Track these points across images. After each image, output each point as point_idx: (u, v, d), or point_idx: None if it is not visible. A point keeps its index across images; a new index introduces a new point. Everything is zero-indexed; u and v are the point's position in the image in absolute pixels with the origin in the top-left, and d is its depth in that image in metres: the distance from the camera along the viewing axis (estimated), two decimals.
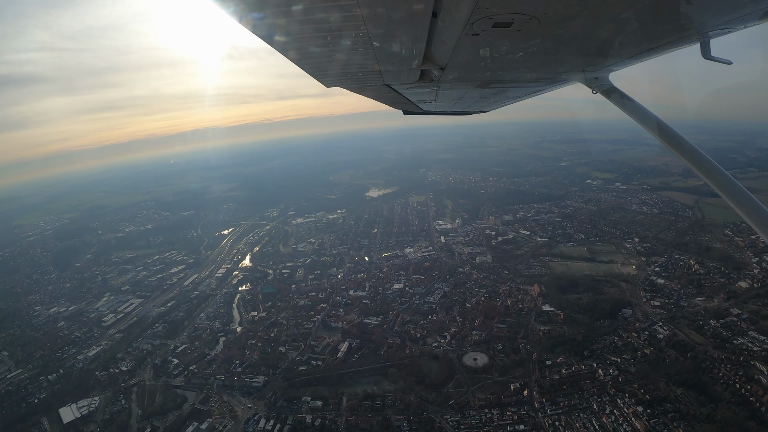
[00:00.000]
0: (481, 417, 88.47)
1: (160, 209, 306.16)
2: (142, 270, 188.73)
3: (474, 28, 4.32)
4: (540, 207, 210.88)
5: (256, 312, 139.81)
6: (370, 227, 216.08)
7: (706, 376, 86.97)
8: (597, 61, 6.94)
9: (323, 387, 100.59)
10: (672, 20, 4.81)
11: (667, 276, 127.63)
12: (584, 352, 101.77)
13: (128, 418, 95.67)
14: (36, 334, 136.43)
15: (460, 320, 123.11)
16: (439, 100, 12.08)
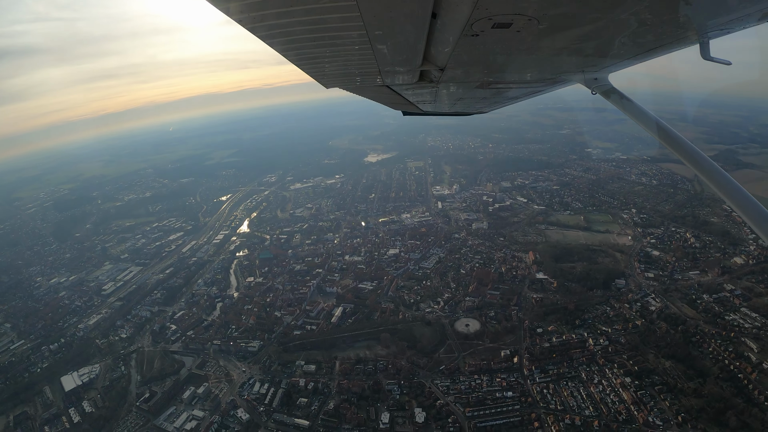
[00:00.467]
0: (471, 383, 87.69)
1: (159, 177, 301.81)
2: (141, 238, 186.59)
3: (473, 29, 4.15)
4: (538, 174, 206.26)
5: (252, 277, 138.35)
6: (367, 192, 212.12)
7: (696, 350, 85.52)
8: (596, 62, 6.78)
9: (317, 351, 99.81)
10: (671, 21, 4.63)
11: (663, 248, 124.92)
12: (575, 321, 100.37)
13: (128, 384, 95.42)
14: (37, 305, 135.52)
15: (454, 286, 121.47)
16: (439, 101, 11.88)
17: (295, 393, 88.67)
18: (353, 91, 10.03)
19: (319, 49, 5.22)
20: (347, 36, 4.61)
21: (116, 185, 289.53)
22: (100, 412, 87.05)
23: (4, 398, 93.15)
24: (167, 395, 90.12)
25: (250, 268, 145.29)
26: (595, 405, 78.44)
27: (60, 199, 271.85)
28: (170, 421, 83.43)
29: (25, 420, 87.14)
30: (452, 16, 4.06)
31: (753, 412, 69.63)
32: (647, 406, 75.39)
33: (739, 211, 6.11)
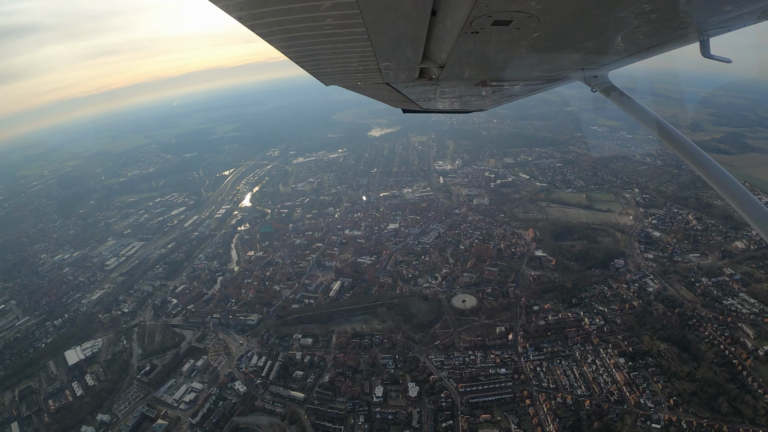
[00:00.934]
0: (465, 358, 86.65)
1: (162, 152, 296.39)
2: (143, 213, 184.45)
3: (473, 26, 4.09)
4: (542, 151, 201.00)
5: (253, 251, 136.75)
6: (370, 167, 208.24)
7: (692, 333, 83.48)
8: (596, 59, 6.60)
9: (314, 325, 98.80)
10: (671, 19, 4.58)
11: (664, 229, 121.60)
12: (572, 300, 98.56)
13: (129, 357, 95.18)
14: (42, 281, 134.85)
15: (452, 262, 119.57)
16: (438, 98, 11.62)
17: (292, 366, 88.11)
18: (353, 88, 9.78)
19: (319, 46, 5.09)
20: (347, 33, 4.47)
21: (120, 161, 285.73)
22: (102, 385, 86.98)
23: (10, 373, 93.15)
24: (167, 368, 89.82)
25: (251, 242, 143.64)
26: (587, 384, 77.22)
27: (64, 176, 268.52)
28: (170, 393, 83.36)
29: (29, 394, 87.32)
30: (452, 14, 3.94)
31: (746, 398, 68.04)
32: (640, 388, 74.05)
33: (740, 210, 5.85)
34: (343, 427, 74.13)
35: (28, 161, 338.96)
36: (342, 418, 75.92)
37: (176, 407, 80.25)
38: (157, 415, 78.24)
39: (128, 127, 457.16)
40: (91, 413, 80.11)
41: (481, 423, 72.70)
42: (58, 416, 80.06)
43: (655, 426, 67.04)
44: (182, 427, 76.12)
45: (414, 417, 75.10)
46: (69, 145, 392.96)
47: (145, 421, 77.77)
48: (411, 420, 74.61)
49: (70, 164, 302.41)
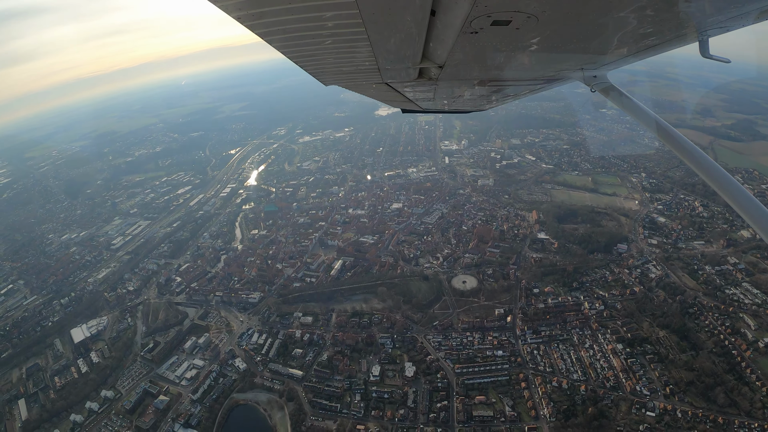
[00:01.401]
0: (463, 339, 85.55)
1: (169, 131, 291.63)
2: (150, 192, 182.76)
3: (472, 26, 4.02)
4: (549, 133, 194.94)
5: (257, 230, 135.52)
6: (376, 146, 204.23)
7: (692, 322, 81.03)
8: (595, 59, 6.50)
9: (315, 303, 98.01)
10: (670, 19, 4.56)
11: (670, 215, 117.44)
12: (573, 284, 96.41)
13: (133, 335, 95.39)
14: (49, 261, 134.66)
15: (454, 242, 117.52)
16: (438, 98, 11.38)
17: (291, 344, 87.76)
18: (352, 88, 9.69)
19: (318, 46, 5.01)
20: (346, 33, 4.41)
21: (127, 141, 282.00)
22: (107, 362, 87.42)
23: (18, 352, 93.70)
24: (170, 345, 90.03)
25: (255, 220, 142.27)
26: (584, 369, 75.85)
27: (72, 156, 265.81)
28: (172, 370, 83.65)
29: (36, 372, 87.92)
30: (451, 14, 3.89)
31: (743, 390, 66.06)
32: (636, 375, 72.48)
33: (739, 210, 5.74)
34: (339, 405, 73.99)
35: (35, 142, 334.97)
36: (339, 396, 75.71)
37: (178, 383, 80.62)
38: (159, 392, 78.79)
39: (136, 106, 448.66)
40: (95, 389, 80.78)
41: (475, 404, 72.05)
42: (64, 392, 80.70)
43: (649, 414, 65.65)
44: (183, 403, 76.45)
45: (409, 396, 74.68)
46: (77, 125, 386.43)
47: (147, 397, 78.30)
48: (406, 399, 74.22)
49: (78, 144, 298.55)
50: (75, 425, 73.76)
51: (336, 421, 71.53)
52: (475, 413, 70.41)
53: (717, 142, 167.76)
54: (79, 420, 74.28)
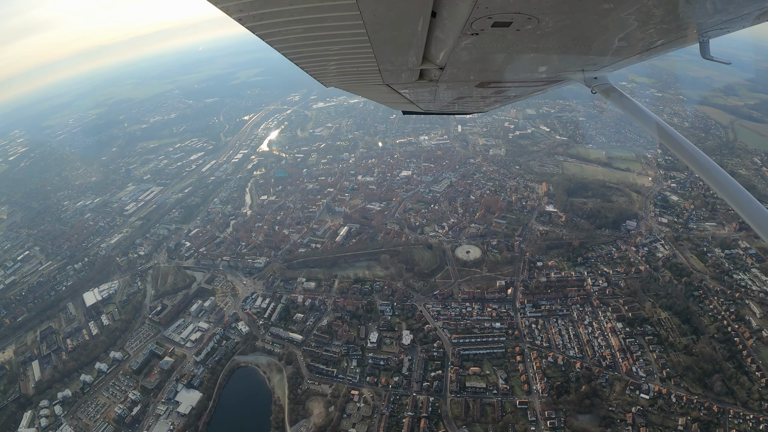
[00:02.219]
0: (462, 310, 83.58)
1: (184, 98, 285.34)
2: (163, 159, 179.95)
3: (473, 28, 3.95)
4: (565, 104, 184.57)
5: (266, 196, 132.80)
6: (389, 113, 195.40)
7: (696, 305, 76.96)
8: (596, 60, 6.35)
9: (319, 269, 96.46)
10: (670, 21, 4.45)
11: (683, 194, 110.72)
12: (577, 259, 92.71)
13: (143, 298, 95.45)
14: (64, 227, 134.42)
15: (461, 212, 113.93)
16: (438, 100, 11.02)
17: (293, 308, 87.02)
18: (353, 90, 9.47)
19: (319, 48, 4.91)
20: (347, 35, 4.29)
21: (143, 108, 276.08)
22: (116, 324, 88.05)
23: (33, 316, 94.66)
24: (177, 308, 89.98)
25: (265, 186, 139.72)
26: (581, 346, 73.48)
27: (88, 124, 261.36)
28: (178, 332, 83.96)
29: (50, 334, 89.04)
30: (452, 15, 3.81)
31: (741, 380, 62.84)
32: (633, 356, 69.81)
33: (739, 210, 5.56)
34: (335, 370, 73.55)
35: (53, 111, 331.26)
36: (336, 362, 75.28)
37: (183, 345, 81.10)
38: (164, 353, 79.54)
39: (152, 73, 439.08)
40: (105, 351, 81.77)
41: (469, 375, 70.79)
42: (75, 354, 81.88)
43: (643, 396, 63.33)
44: (187, 364, 76.99)
45: (405, 364, 73.75)
46: (95, 93, 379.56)
47: (153, 358, 79.09)
48: (401, 367, 73.36)
49: (95, 112, 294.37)
50: (85, 385, 75.18)
51: (332, 385, 71.28)
52: (468, 384, 69.23)
53: (738, 122, 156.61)
54: (88, 380, 75.67)
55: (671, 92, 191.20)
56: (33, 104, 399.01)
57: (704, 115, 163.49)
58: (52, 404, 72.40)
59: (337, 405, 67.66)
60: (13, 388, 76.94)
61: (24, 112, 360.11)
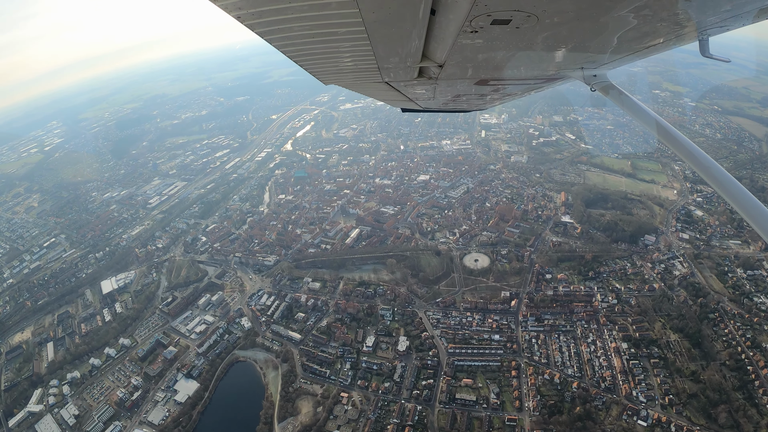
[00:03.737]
0: (462, 319, 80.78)
1: (217, 95, 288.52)
2: (190, 155, 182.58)
3: (472, 25, 3.90)
4: (594, 112, 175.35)
5: (284, 195, 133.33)
6: (415, 116, 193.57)
7: (709, 328, 70.60)
8: (595, 58, 6.26)
9: (326, 270, 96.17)
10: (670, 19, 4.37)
11: (708, 209, 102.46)
12: (589, 273, 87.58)
13: (156, 289, 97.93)
14: (90, 217, 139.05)
15: (474, 218, 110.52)
16: (438, 97, 10.83)
17: (296, 307, 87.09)
18: (352, 87, 9.16)
19: (318, 46, 4.82)
20: (346, 33, 4.24)
21: (176, 104, 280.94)
22: (129, 312, 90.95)
23: (52, 300, 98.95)
24: (186, 300, 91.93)
25: (284, 185, 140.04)
26: (580, 365, 69.26)
27: (123, 118, 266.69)
28: (184, 324, 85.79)
29: (66, 318, 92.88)
30: (451, 13, 3.76)
31: (749, 412, 56.82)
32: (635, 379, 64.99)
33: (739, 209, 5.50)
34: (329, 371, 72.86)
35: (91, 104, 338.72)
36: (330, 363, 74.55)
37: (188, 336, 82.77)
38: (170, 343, 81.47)
39: (189, 70, 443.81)
40: (115, 337, 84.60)
41: (461, 386, 68.17)
42: (87, 338, 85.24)
43: (641, 423, 58.60)
44: (189, 355, 78.54)
45: (397, 371, 72.10)
46: (132, 87, 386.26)
47: (158, 347, 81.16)
48: (394, 373, 71.78)
49: (130, 106, 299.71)
50: (93, 368, 78.22)
51: (323, 386, 70.67)
52: (458, 396, 66.67)
53: None
54: (97, 364, 78.67)
55: (706, 102, 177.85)
56: (72, 97, 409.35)
57: (738, 127, 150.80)
58: (61, 384, 75.82)
59: (325, 406, 66.99)
60: (27, 366, 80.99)
61: (63, 104, 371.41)
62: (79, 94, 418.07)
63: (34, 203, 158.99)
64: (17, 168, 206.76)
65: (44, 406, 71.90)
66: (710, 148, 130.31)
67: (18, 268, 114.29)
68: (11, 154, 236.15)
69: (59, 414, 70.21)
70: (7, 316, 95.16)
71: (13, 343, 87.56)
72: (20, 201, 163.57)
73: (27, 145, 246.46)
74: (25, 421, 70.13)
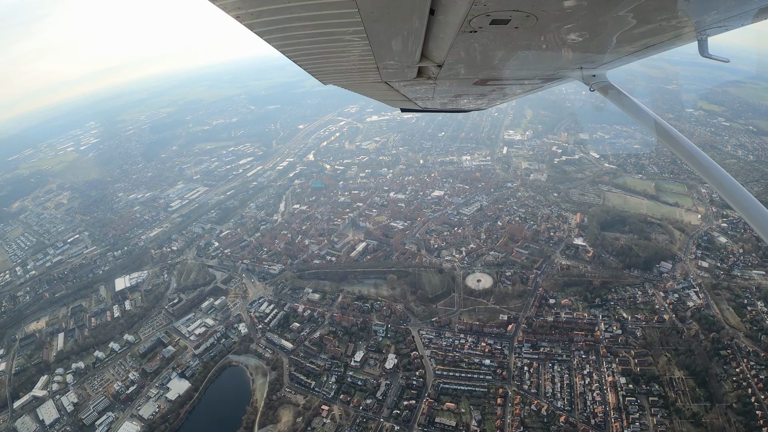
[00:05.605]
0: (455, 341, 77.35)
1: (249, 103, 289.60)
2: (215, 161, 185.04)
3: (471, 25, 3.87)
4: (622, 130, 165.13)
5: (299, 205, 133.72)
6: (439, 130, 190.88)
7: (719, 366, 63.39)
8: (594, 58, 6.23)
9: (327, 282, 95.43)
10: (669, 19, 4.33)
11: (733, 236, 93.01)
12: (595, 300, 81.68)
13: (165, 290, 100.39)
14: (114, 216, 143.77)
15: (483, 237, 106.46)
16: (437, 97, 10.77)
17: (293, 317, 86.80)
18: (351, 87, 8.99)
19: (317, 45, 4.80)
20: (345, 32, 4.23)
21: (209, 110, 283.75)
22: (137, 310, 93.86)
23: (70, 293, 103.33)
24: (190, 303, 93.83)
25: (301, 195, 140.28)
26: (571, 398, 64.27)
27: (157, 122, 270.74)
28: (186, 325, 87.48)
29: (79, 312, 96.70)
30: (450, 13, 3.74)
31: None
32: (629, 417, 59.19)
33: (739, 210, 5.45)
34: (314, 383, 71.70)
35: (130, 106, 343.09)
36: (317, 375, 73.50)
37: (187, 338, 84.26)
38: (169, 342, 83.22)
39: (225, 77, 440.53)
40: (120, 333, 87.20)
41: (443, 410, 64.90)
42: (95, 332, 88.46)
43: None
44: (185, 356, 79.89)
45: (381, 388, 69.75)
46: (170, 92, 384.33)
47: (159, 345, 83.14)
48: (377, 390, 69.44)
49: (165, 111, 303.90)
50: (97, 360, 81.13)
51: (306, 397, 69.56)
52: (438, 419, 63.53)
53: None
54: (101, 357, 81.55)
55: (741, 121, 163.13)
56: (112, 98, 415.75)
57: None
58: (66, 372, 79.03)
59: (305, 417, 66.01)
60: (38, 354, 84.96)
61: (104, 104, 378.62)
62: (120, 95, 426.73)
63: (64, 200, 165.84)
64: (53, 165, 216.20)
65: (48, 392, 75.35)
66: (741, 170, 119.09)
67: (41, 261, 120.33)
68: (49, 151, 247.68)
69: (60, 400, 73.35)
70: (26, 306, 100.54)
71: (28, 330, 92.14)
72: (51, 197, 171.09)
73: (64, 144, 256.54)
74: (29, 405, 73.73)
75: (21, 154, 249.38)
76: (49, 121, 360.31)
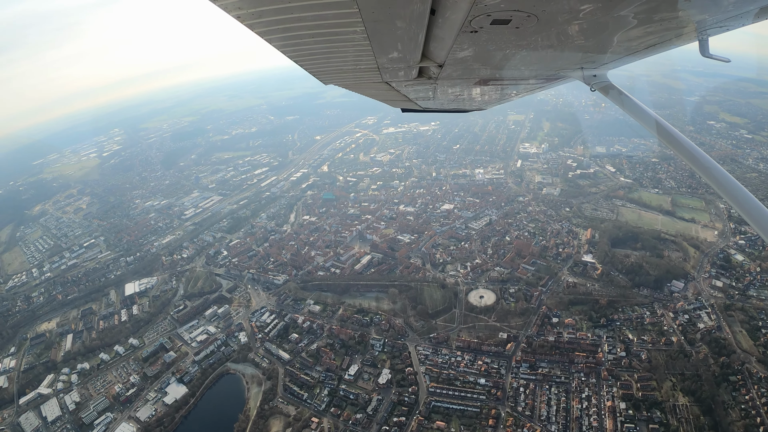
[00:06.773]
0: (451, 358, 75.26)
1: (269, 113, 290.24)
2: (231, 170, 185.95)
3: (472, 25, 3.83)
4: (640, 143, 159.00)
5: (309, 216, 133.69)
6: (454, 142, 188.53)
7: (728, 393, 59.00)
8: (595, 58, 6.18)
9: (329, 294, 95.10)
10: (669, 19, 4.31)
11: (750, 254, 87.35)
12: (601, 320, 78.12)
13: (172, 296, 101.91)
14: (130, 222, 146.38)
15: (489, 252, 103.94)
16: (437, 98, 10.69)
17: (293, 328, 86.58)
18: (351, 88, 9.10)
19: (318, 45, 4.71)
20: (345, 32, 4.15)
21: (230, 119, 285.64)
22: (143, 315, 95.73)
23: (82, 296, 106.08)
24: (195, 310, 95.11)
25: (311, 206, 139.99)
26: (567, 422, 61.20)
27: (179, 130, 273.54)
28: (189, 332, 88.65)
29: (88, 314, 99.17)
30: (451, 13, 3.70)
31: None
32: None
33: (739, 209, 5.41)
34: (306, 394, 71.11)
35: (153, 114, 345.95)
36: (310, 386, 72.78)
37: (189, 344, 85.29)
38: (171, 347, 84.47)
39: (248, 87, 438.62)
40: (126, 336, 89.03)
41: (432, 429, 62.93)
42: (102, 335, 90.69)
43: None
44: (186, 362, 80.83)
45: (372, 403, 68.38)
46: (193, 101, 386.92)
47: (161, 350, 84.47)
48: (368, 405, 68.08)
49: (187, 120, 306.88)
50: (102, 362, 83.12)
51: (298, 408, 68.91)
52: None
53: None
54: (105, 359, 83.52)
55: (764, 134, 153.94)
56: (137, 106, 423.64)
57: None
58: (71, 372, 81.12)
59: (294, 428, 65.44)
60: (46, 353, 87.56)
61: (127, 112, 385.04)
62: (146, 103, 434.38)
63: (83, 205, 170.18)
64: (75, 170, 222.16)
65: (52, 390, 77.77)
66: (762, 184, 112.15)
67: (57, 264, 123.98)
68: (72, 156, 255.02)
69: (63, 399, 75.50)
70: (39, 306, 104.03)
71: (39, 330, 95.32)
72: (71, 202, 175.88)
73: (88, 150, 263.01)
74: (34, 401, 76.10)
75: (46, 158, 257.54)
76: (75, 127, 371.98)
